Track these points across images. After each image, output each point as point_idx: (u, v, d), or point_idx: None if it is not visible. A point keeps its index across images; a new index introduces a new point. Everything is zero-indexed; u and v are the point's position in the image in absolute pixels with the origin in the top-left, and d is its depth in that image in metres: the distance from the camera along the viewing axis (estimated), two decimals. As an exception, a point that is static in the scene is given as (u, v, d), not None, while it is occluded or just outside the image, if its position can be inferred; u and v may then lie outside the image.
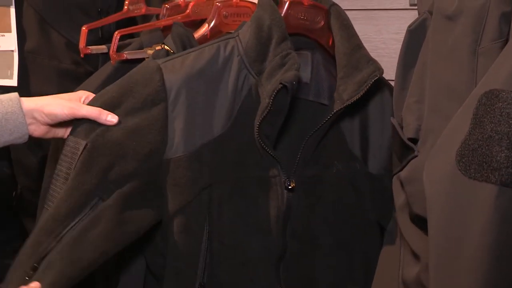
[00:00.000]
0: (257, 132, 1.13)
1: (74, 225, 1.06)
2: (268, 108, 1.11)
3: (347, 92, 1.16)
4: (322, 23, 1.27)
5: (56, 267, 1.05)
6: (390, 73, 1.53)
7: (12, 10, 1.65)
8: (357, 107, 1.23)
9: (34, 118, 1.10)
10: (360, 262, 1.24)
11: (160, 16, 1.62)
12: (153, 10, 1.71)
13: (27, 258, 1.06)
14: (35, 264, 1.05)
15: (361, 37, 1.54)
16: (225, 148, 1.16)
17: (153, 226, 1.15)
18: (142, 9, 1.68)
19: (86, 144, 1.09)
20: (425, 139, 0.96)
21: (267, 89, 1.14)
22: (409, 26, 1.07)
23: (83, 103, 1.13)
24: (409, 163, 0.98)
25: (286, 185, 1.17)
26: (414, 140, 0.99)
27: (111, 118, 1.09)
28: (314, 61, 1.28)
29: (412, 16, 1.48)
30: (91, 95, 1.16)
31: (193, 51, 1.20)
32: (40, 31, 1.67)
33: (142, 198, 1.12)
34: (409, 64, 1.06)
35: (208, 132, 1.15)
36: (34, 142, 1.28)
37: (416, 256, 0.96)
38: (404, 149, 1.00)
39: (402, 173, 1.00)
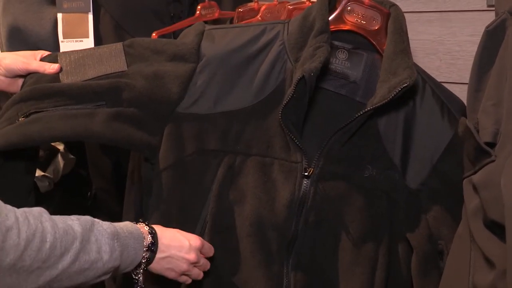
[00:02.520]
0: (280, 115, 1.17)
1: (75, 108, 1.18)
2: (290, 95, 1.15)
3: (379, 96, 1.16)
4: (380, 25, 1.26)
5: (37, 125, 1.15)
6: (465, 76, 1.49)
7: (90, 17, 1.69)
8: (403, 118, 1.23)
9: None
10: (382, 275, 1.20)
11: (234, 20, 1.63)
12: (226, 14, 1.72)
13: (23, 106, 1.18)
14: (22, 116, 1.17)
15: (435, 40, 1.50)
16: (251, 123, 1.21)
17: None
18: (215, 14, 1.69)
19: (124, 71, 1.23)
20: (504, 143, 0.93)
21: (295, 77, 1.17)
22: (487, 27, 1.04)
23: (38, 59, 1.27)
24: (483, 168, 0.95)
25: (304, 173, 1.19)
26: (491, 144, 0.96)
27: (52, 67, 1.24)
28: (367, 62, 1.28)
29: (488, 17, 1.43)
30: (46, 53, 1.30)
31: (239, 27, 1.28)
32: (115, 36, 1.71)
33: (136, 123, 1.20)
34: (485, 65, 1.02)
35: (230, 103, 1.22)
36: (109, 146, 1.33)
37: (489, 262, 0.92)
38: (479, 153, 0.97)
39: (475, 177, 0.96)
